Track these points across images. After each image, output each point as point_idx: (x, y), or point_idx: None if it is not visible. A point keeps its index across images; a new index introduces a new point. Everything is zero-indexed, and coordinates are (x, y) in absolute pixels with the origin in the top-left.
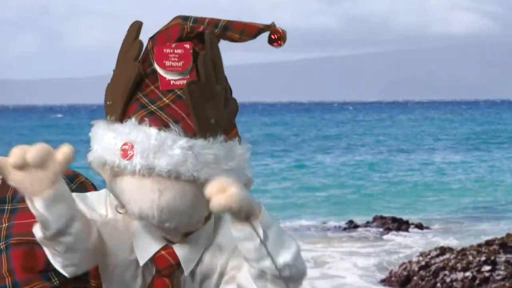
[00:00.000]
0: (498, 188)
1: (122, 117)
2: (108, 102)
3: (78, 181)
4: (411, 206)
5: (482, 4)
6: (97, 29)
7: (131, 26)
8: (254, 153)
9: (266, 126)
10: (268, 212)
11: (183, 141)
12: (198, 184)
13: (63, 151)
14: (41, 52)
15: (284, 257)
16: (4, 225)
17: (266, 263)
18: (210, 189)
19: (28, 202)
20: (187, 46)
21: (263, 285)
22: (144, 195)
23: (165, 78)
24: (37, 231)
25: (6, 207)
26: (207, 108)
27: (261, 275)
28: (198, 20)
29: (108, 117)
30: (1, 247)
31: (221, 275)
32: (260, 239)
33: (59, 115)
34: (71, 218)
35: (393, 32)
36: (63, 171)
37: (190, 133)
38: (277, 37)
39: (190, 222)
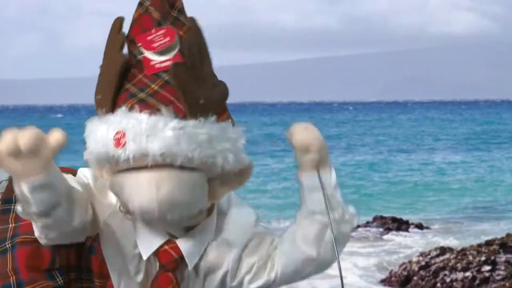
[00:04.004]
0: (498, 188)
1: (112, 108)
2: (97, 96)
3: None
4: (411, 206)
5: (482, 4)
6: (97, 29)
7: (114, 21)
8: (254, 153)
9: (266, 126)
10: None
11: (174, 122)
12: (194, 173)
13: (55, 136)
14: (41, 52)
15: (351, 207)
16: (11, 225)
17: (336, 214)
18: (293, 128)
19: (15, 181)
20: (168, 27)
21: (319, 246)
22: (142, 190)
23: (150, 62)
24: (18, 206)
25: (12, 207)
26: (195, 89)
27: (320, 235)
28: (154, 5)
29: (99, 111)
30: (7, 246)
31: (233, 273)
32: (332, 187)
33: (59, 115)
34: (54, 205)
35: (393, 32)
36: (55, 155)
37: (180, 114)
38: None
39: (191, 213)
